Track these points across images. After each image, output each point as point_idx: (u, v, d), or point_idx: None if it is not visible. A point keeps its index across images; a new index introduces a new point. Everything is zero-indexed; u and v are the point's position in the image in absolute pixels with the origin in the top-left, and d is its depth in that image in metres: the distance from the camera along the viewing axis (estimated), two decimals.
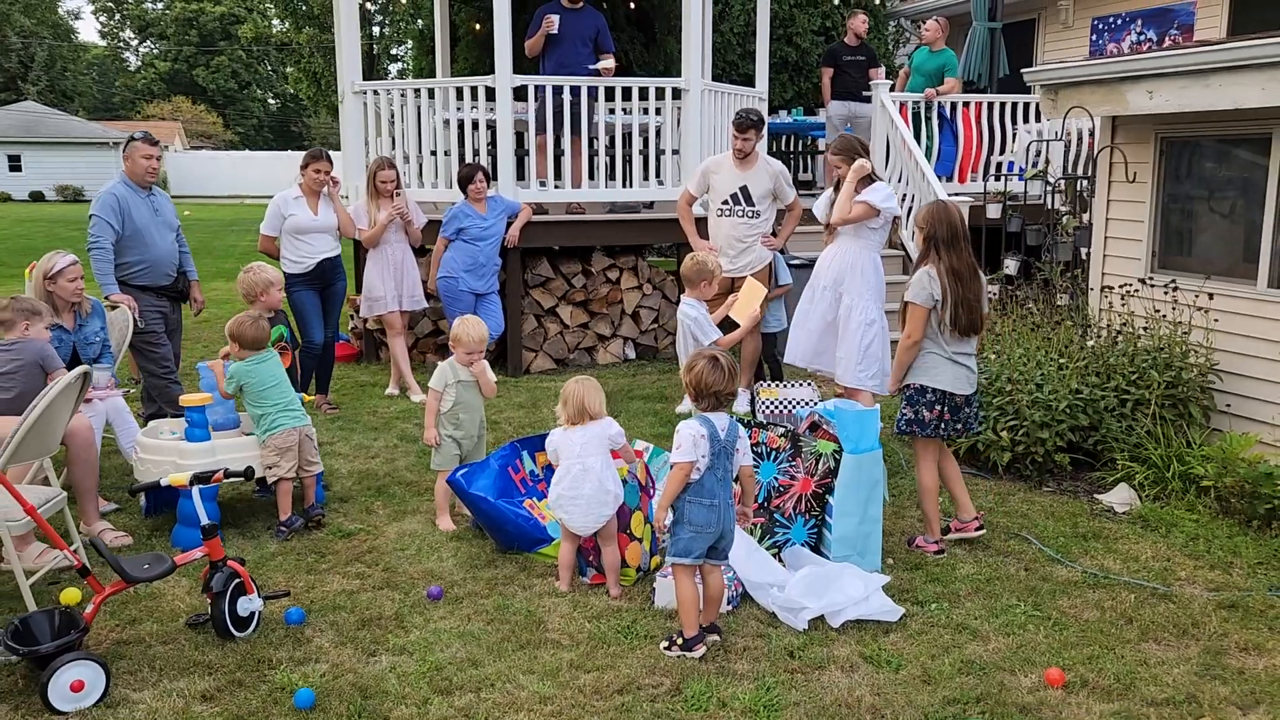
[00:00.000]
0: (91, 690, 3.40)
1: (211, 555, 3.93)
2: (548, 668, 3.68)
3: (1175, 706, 3.43)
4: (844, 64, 10.69)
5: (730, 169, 6.85)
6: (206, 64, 60.88)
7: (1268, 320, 5.76)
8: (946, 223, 4.52)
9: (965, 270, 4.50)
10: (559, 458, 4.36)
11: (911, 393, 4.66)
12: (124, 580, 3.75)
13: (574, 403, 4.30)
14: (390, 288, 7.67)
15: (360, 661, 3.74)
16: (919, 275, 4.54)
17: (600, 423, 4.33)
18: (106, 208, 6.11)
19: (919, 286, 4.51)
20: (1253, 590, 4.33)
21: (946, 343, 4.56)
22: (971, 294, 4.50)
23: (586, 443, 4.29)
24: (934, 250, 4.53)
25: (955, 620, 4.06)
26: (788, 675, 3.65)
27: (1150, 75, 5.99)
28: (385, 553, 4.78)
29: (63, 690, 3.34)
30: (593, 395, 4.33)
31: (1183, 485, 5.35)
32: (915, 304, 4.52)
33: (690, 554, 3.80)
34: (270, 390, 5.06)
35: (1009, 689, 3.54)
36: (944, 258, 4.50)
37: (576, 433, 4.31)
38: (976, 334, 4.60)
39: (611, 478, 4.29)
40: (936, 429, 4.64)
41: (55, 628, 3.55)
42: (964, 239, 4.54)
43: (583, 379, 4.38)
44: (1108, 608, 4.18)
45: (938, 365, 4.58)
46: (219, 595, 3.81)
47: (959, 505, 4.83)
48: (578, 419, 4.32)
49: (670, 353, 9.21)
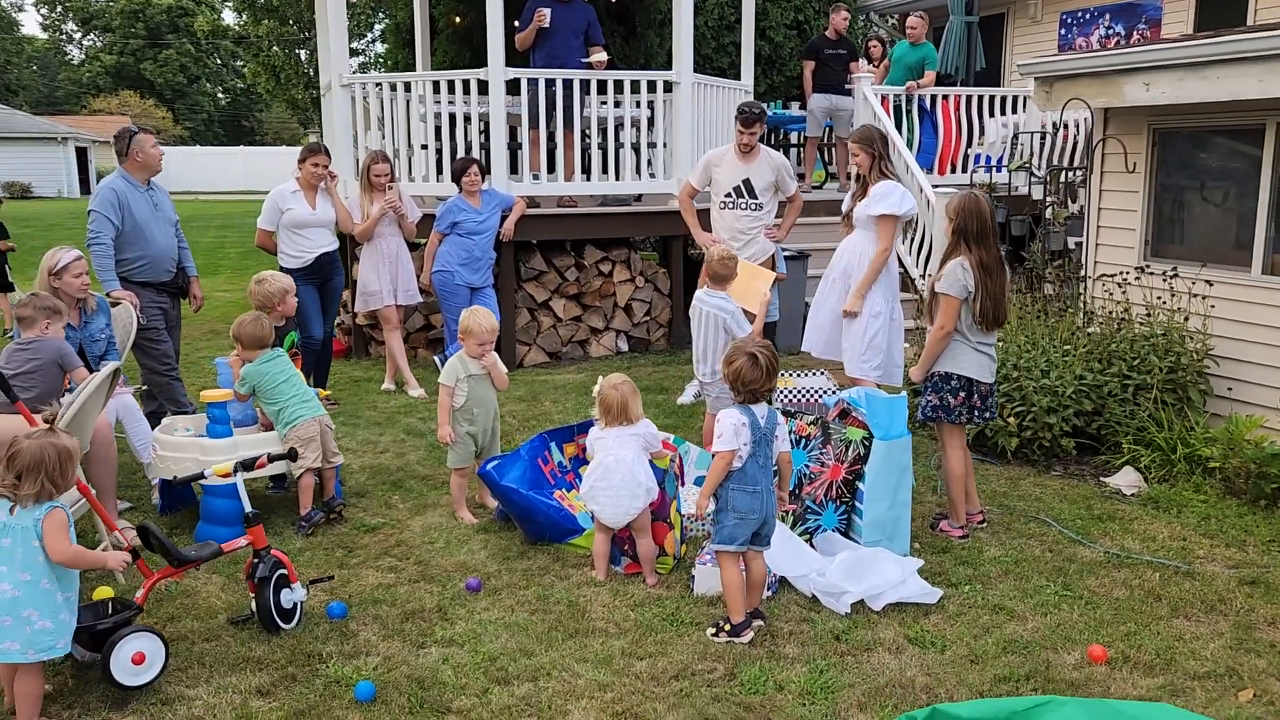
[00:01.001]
0: (152, 663, 3.42)
1: (255, 544, 3.93)
2: (600, 656, 3.71)
3: (1217, 680, 3.54)
4: (825, 57, 10.79)
5: (732, 162, 6.89)
6: (154, 57, 59.69)
7: (1262, 306, 5.93)
8: (977, 215, 4.58)
9: (993, 264, 4.57)
10: (595, 451, 4.39)
11: (936, 380, 4.74)
12: (172, 564, 3.75)
13: (617, 407, 4.33)
14: (385, 282, 7.63)
15: (411, 654, 3.73)
16: (952, 267, 4.60)
17: (639, 423, 4.36)
18: (106, 203, 6.02)
19: (953, 278, 4.58)
20: (1270, 567, 4.46)
21: (971, 333, 4.63)
22: (998, 287, 4.58)
23: (620, 438, 4.32)
24: (963, 243, 4.60)
25: (991, 601, 4.15)
26: (838, 658, 3.71)
27: (1147, 68, 6.13)
28: (414, 546, 4.76)
29: (124, 664, 3.35)
30: (633, 400, 4.35)
31: (1188, 467, 5.50)
32: (949, 295, 4.58)
33: (735, 540, 3.84)
34: (282, 386, 5.04)
35: (1055, 666, 3.63)
36: (974, 251, 4.57)
37: (611, 431, 4.34)
38: (1000, 326, 4.68)
39: (644, 471, 4.31)
40: (962, 415, 4.72)
41: (103, 616, 3.55)
42: (993, 232, 4.61)
43: (619, 382, 4.38)
44: (1135, 586, 4.29)
45: (963, 353, 4.66)
46: (263, 582, 3.81)
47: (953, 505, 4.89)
48: (616, 421, 4.34)
49: (662, 345, 9.25)
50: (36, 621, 3.14)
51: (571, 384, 7.90)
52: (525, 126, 8.40)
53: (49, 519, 3.18)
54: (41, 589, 3.16)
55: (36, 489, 3.17)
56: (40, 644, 3.14)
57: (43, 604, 3.16)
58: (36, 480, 3.17)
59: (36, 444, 3.22)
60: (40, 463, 3.19)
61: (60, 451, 3.24)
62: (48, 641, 3.16)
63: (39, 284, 5.37)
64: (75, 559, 3.22)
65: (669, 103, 8.92)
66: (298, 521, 4.95)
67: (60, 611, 3.20)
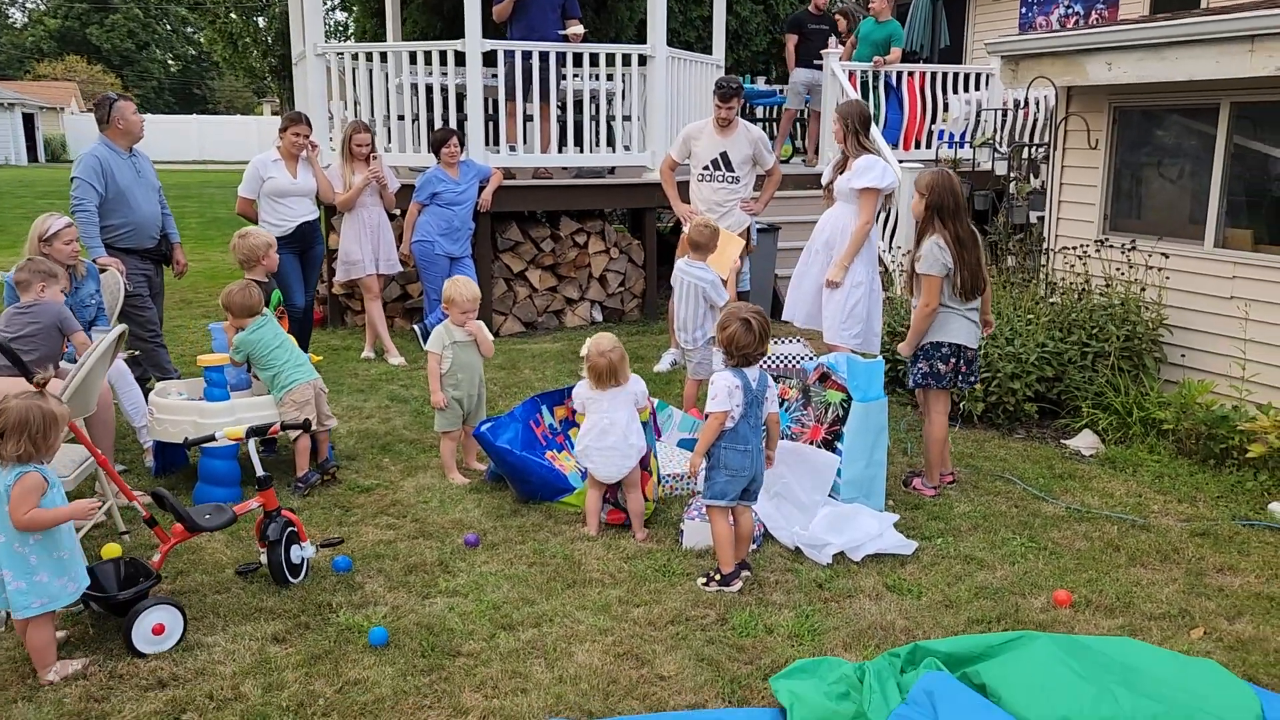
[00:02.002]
0: (171, 633, 3.53)
1: (266, 505, 4.07)
2: (598, 604, 3.91)
3: (1171, 620, 3.83)
4: (809, 31, 10.97)
5: (711, 135, 7.07)
6: (100, 22, 58.37)
7: (1213, 278, 6.24)
8: (950, 192, 4.78)
9: (967, 237, 4.78)
10: (587, 411, 4.57)
11: (927, 348, 4.94)
12: (188, 529, 3.85)
13: (606, 373, 4.50)
14: (367, 252, 7.72)
15: (417, 603, 3.91)
16: (929, 246, 4.80)
17: (627, 384, 4.55)
18: (89, 170, 6.06)
19: (931, 258, 4.77)
20: (1219, 520, 4.77)
21: (954, 303, 4.86)
22: (974, 259, 4.80)
23: (614, 399, 4.51)
24: (937, 219, 4.79)
25: (962, 552, 4.41)
26: (822, 604, 3.94)
27: (1109, 48, 6.39)
28: (409, 505, 4.93)
29: (145, 634, 3.47)
30: (621, 365, 4.53)
31: (1143, 429, 5.80)
32: (930, 275, 4.78)
33: (726, 496, 4.06)
34: (276, 351, 5.15)
35: (1023, 609, 3.89)
36: (948, 226, 4.77)
37: (604, 393, 4.52)
38: (980, 295, 4.90)
39: (635, 431, 4.51)
40: (953, 381, 4.94)
41: (122, 576, 3.65)
42: (964, 208, 4.82)
43: (606, 348, 4.53)
44: (1095, 538, 4.58)
45: (951, 321, 4.87)
46: (275, 544, 3.94)
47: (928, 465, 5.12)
48: (606, 384, 4.52)
49: (635, 315, 9.43)
50: (10, 582, 3.21)
51: (549, 352, 8.07)
52: (502, 98, 8.49)
53: (18, 483, 3.18)
54: (14, 552, 3.21)
55: (19, 450, 3.19)
56: (16, 603, 3.22)
57: (15, 566, 3.22)
58: (19, 441, 3.18)
59: (23, 404, 3.22)
60: (25, 424, 3.19)
61: (46, 415, 3.24)
62: (22, 601, 3.22)
63: (29, 250, 5.42)
64: (30, 523, 3.18)
65: (644, 76, 9.06)
66: (294, 483, 5.09)
67: (35, 573, 3.24)
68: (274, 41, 26.29)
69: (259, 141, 39.93)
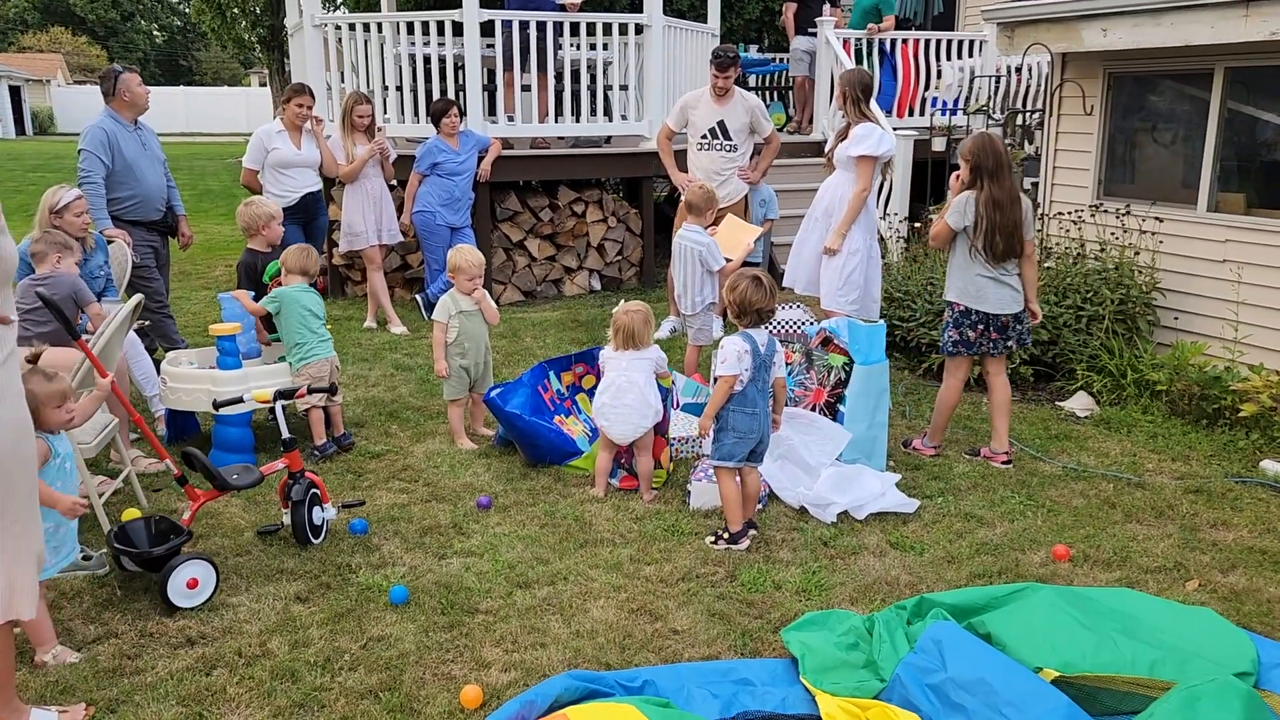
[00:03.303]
0: (204, 587, 3.66)
1: (291, 467, 4.19)
2: (610, 563, 4.02)
3: (1167, 573, 3.95)
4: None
5: (708, 104, 7.12)
6: None
7: (1206, 241, 6.33)
8: (993, 153, 4.76)
9: (1005, 199, 4.76)
10: (605, 370, 4.67)
11: (957, 315, 4.96)
12: (218, 488, 4.00)
13: (625, 332, 4.61)
14: (370, 222, 7.76)
15: (434, 563, 4.01)
16: (960, 197, 4.82)
17: (648, 349, 4.64)
18: (96, 142, 6.09)
19: (956, 209, 4.81)
20: (1211, 478, 4.90)
21: (987, 267, 4.82)
22: (1010, 221, 4.77)
23: (633, 360, 4.61)
24: (980, 179, 4.78)
25: (962, 510, 4.53)
26: (828, 561, 4.06)
27: (1105, 13, 6.44)
28: (420, 470, 5.02)
29: (180, 588, 3.59)
30: (641, 327, 4.62)
31: (1137, 391, 5.92)
32: (947, 223, 4.82)
33: (734, 457, 4.16)
34: (309, 318, 5.22)
35: (1024, 564, 4.01)
36: (986, 187, 4.76)
37: (625, 353, 4.61)
38: (1016, 257, 4.87)
39: (654, 393, 4.61)
40: (983, 348, 4.97)
41: (153, 534, 3.78)
42: (1008, 168, 4.81)
43: (633, 310, 4.64)
44: (1091, 496, 4.70)
45: (984, 288, 4.85)
46: (299, 504, 4.07)
47: (995, 434, 5.11)
48: (625, 345, 4.61)
49: (633, 283, 9.51)
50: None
51: (549, 320, 8.14)
52: (500, 68, 8.51)
53: None
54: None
55: None
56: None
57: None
58: None
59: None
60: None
61: (38, 395, 3.21)
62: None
63: (39, 223, 5.45)
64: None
65: (640, 45, 9.08)
66: (310, 450, 5.17)
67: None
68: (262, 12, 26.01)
69: (247, 113, 39.65)
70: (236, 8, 25.50)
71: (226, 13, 25.61)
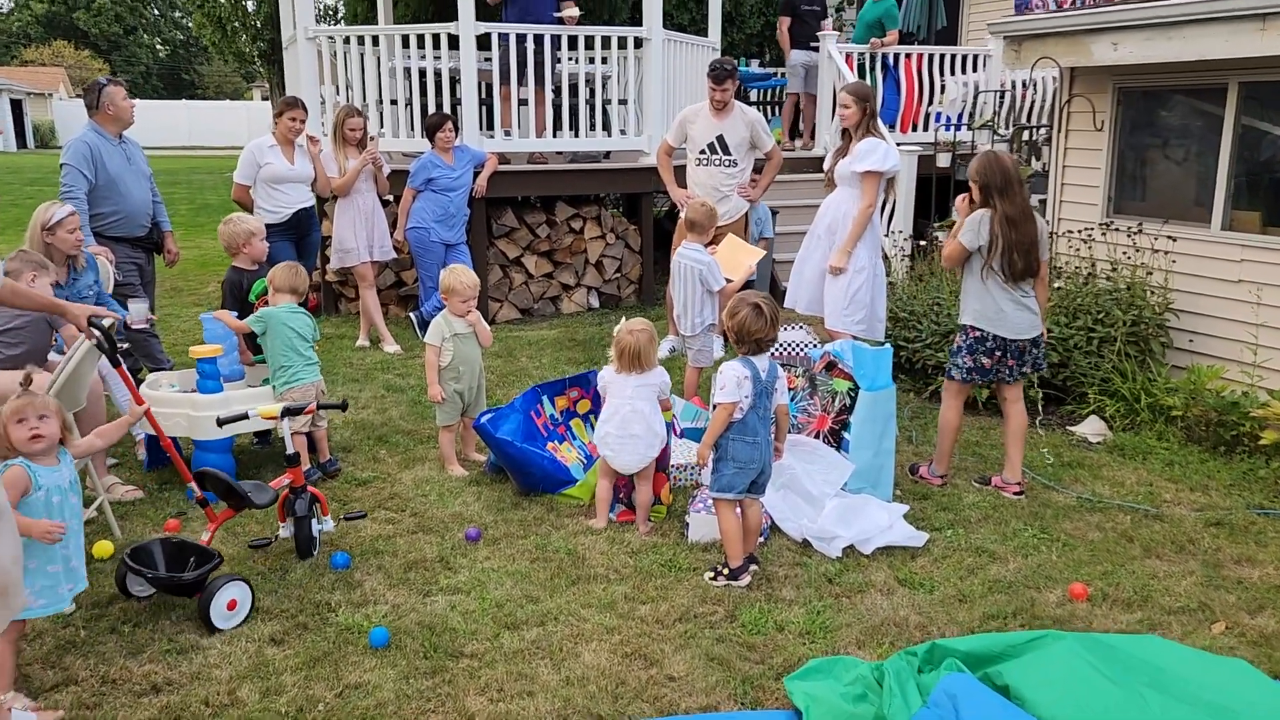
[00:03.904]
0: (242, 607, 3.63)
1: (294, 482, 4.15)
2: (603, 601, 3.81)
3: (1191, 614, 3.75)
4: (802, 13, 10.82)
5: (707, 118, 6.95)
6: (87, 6, 57.73)
7: (1221, 261, 6.15)
8: (1000, 170, 4.58)
9: (1019, 216, 4.56)
10: (608, 395, 4.47)
11: (972, 340, 4.73)
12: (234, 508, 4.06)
13: (630, 353, 4.40)
14: (362, 239, 7.59)
15: (418, 601, 3.81)
16: (974, 216, 4.63)
17: (653, 371, 4.44)
18: (78, 156, 5.92)
19: (969, 228, 4.61)
20: (1233, 509, 4.69)
21: (1005, 287, 4.62)
22: (1026, 238, 4.58)
23: (640, 387, 4.41)
24: (990, 198, 4.60)
25: (973, 544, 4.33)
26: (833, 599, 3.86)
27: (1115, 28, 6.27)
28: (408, 499, 4.82)
29: (221, 610, 3.57)
30: (647, 347, 4.42)
31: (1151, 416, 5.72)
32: (960, 242, 4.62)
33: (734, 489, 3.96)
34: (298, 341, 5.03)
35: (1039, 604, 3.81)
36: (999, 206, 4.57)
37: (631, 378, 4.41)
38: (1033, 276, 4.67)
39: (659, 421, 4.42)
40: (999, 374, 4.75)
41: (168, 557, 3.72)
42: (1018, 184, 4.61)
43: (637, 329, 4.44)
44: (1108, 529, 4.50)
45: (1003, 310, 4.64)
46: (303, 519, 4.10)
47: (1010, 463, 4.89)
48: (630, 368, 4.41)
49: (632, 301, 9.32)
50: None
51: (545, 340, 7.95)
52: (496, 82, 8.35)
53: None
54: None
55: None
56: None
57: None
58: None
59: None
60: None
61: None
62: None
63: (31, 239, 5.24)
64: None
65: (639, 59, 8.92)
66: None
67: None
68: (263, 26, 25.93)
69: (248, 126, 39.56)
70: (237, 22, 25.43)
71: (227, 26, 25.51)
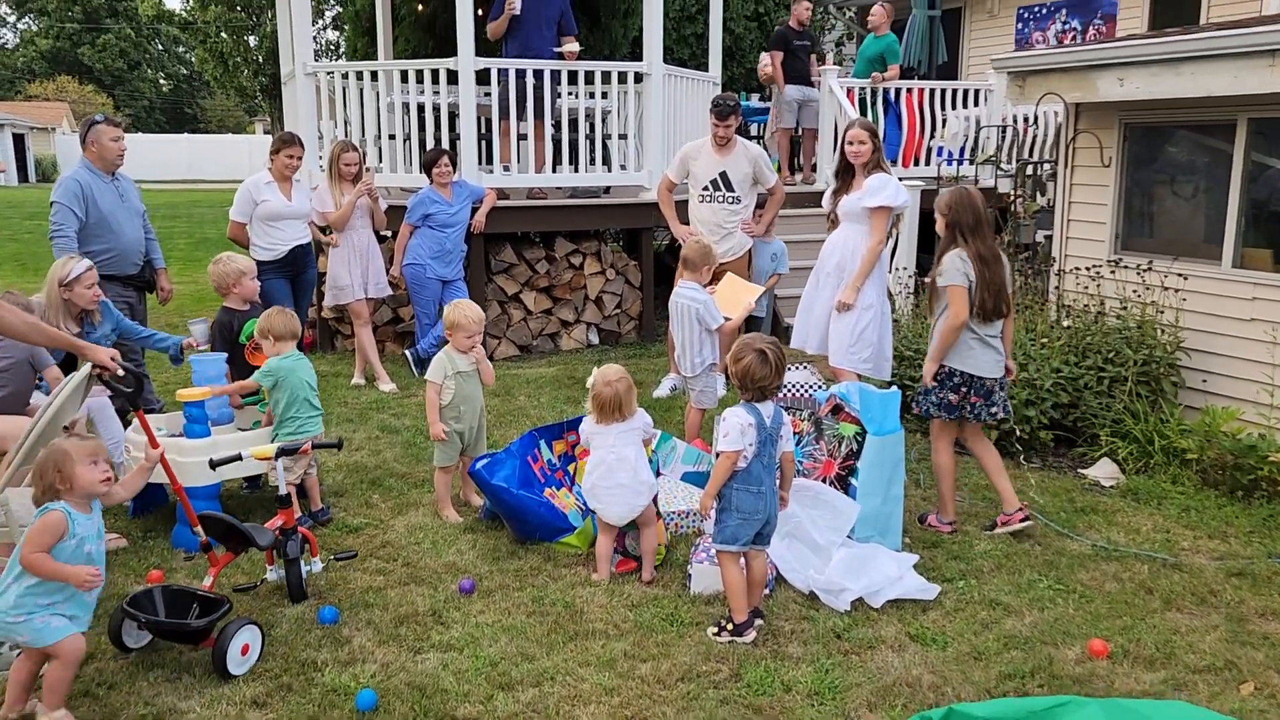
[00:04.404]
0: (253, 651, 3.58)
1: (285, 523, 4.05)
2: (602, 659, 3.65)
3: (1217, 673, 3.58)
4: (794, 48, 10.79)
5: (709, 155, 6.86)
6: (92, 42, 58.15)
7: (1233, 299, 6.02)
8: (970, 209, 4.55)
9: (990, 255, 4.55)
10: (591, 446, 4.32)
11: (941, 375, 4.68)
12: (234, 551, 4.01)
13: (610, 405, 4.25)
14: (356, 276, 7.48)
15: (408, 659, 3.65)
16: (950, 259, 4.56)
17: (634, 417, 4.30)
18: (69, 194, 5.83)
19: (954, 269, 4.53)
20: (1254, 559, 4.53)
21: (975, 326, 4.61)
22: (998, 278, 4.56)
23: (623, 434, 4.26)
24: (959, 236, 4.57)
25: (987, 596, 4.16)
26: (842, 656, 3.69)
27: (1121, 63, 6.19)
28: (400, 547, 4.67)
29: (235, 655, 3.51)
30: (626, 396, 4.28)
31: (1165, 459, 5.57)
32: (956, 285, 4.53)
33: (738, 541, 3.81)
34: (310, 393, 4.90)
35: (1057, 661, 3.64)
36: (970, 243, 4.54)
37: (613, 426, 4.27)
38: (1003, 317, 4.65)
39: (645, 467, 4.27)
40: (963, 411, 4.68)
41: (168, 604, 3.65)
42: (987, 224, 4.59)
43: (612, 380, 4.29)
44: (1125, 579, 4.34)
45: (971, 348, 4.60)
46: (294, 561, 4.02)
47: (1003, 497, 4.79)
48: (610, 418, 4.27)
49: (633, 337, 9.20)
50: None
51: (544, 378, 7.82)
52: (496, 117, 8.28)
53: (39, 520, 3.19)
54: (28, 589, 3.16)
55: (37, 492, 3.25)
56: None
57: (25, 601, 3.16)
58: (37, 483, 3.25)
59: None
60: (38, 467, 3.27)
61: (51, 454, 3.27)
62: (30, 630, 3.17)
63: (48, 294, 5.12)
64: (31, 564, 3.11)
65: (639, 94, 8.86)
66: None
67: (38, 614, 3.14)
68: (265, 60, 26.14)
69: (249, 160, 39.67)
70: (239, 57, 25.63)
71: (229, 62, 25.74)
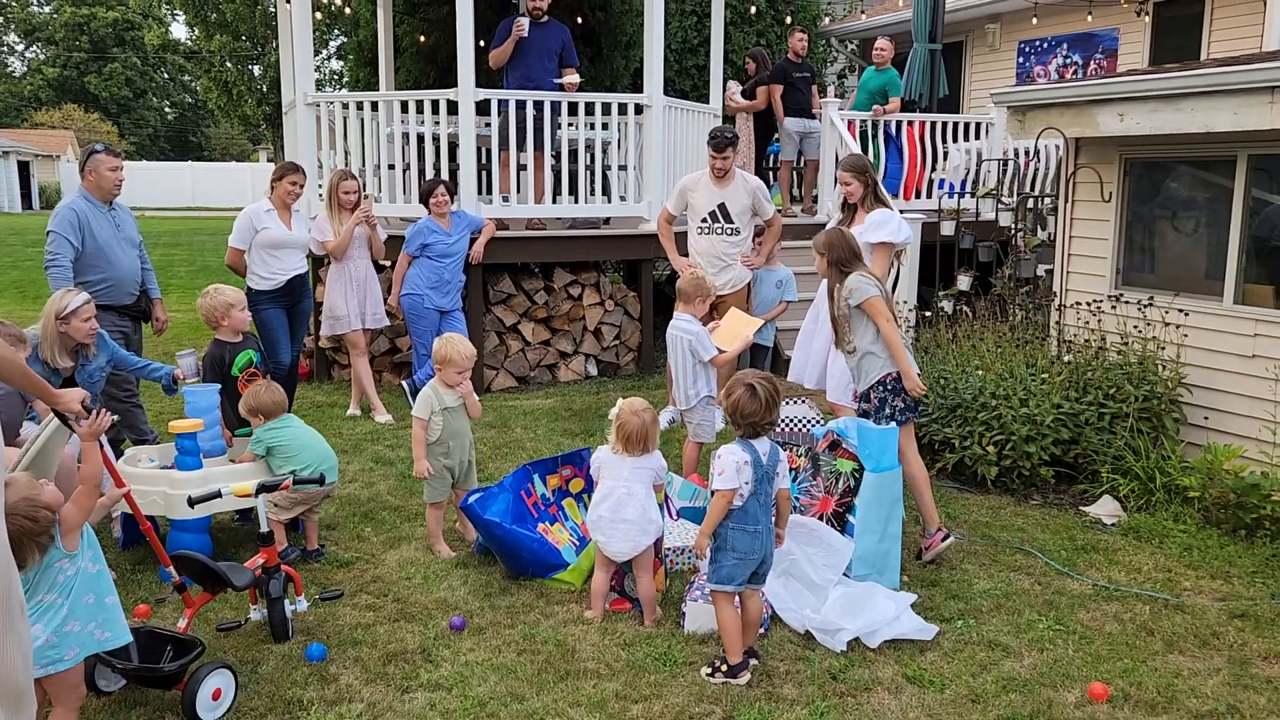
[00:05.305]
0: (226, 695, 3.49)
1: (268, 561, 3.99)
2: (593, 699, 3.58)
3: (1220, 718, 3.51)
4: (794, 80, 10.82)
5: (708, 186, 6.86)
6: (98, 71, 58.61)
7: (1235, 335, 5.98)
8: (845, 246, 4.83)
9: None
10: (601, 476, 4.26)
11: (891, 381, 4.77)
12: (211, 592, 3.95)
13: (636, 435, 4.18)
14: (353, 306, 7.44)
15: (396, 699, 3.58)
16: (854, 279, 4.74)
17: (652, 455, 4.25)
18: (65, 223, 5.81)
19: (863, 286, 4.71)
20: (1257, 600, 4.46)
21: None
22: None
23: (636, 469, 4.20)
24: (838, 271, 4.81)
25: (985, 637, 4.09)
26: (837, 699, 3.62)
27: (1121, 99, 6.18)
28: (391, 582, 4.61)
29: (206, 701, 3.42)
30: (652, 429, 4.22)
31: (1167, 496, 5.51)
32: (873, 298, 4.69)
33: (733, 581, 3.74)
34: (304, 452, 4.86)
35: (1056, 705, 3.57)
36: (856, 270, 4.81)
37: (628, 460, 4.22)
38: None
39: (654, 506, 4.20)
40: (916, 410, 4.88)
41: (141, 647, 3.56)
42: (860, 258, 4.88)
43: (640, 410, 4.23)
44: (1126, 620, 4.27)
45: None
46: (277, 600, 3.94)
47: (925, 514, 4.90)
48: (631, 450, 4.21)
49: (631, 369, 9.16)
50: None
51: (541, 409, 7.77)
52: (495, 147, 8.29)
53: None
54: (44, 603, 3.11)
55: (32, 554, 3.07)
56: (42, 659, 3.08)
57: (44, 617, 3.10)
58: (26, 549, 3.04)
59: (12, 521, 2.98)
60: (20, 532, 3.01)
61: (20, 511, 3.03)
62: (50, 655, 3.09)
63: (44, 327, 5.08)
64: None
65: (640, 125, 8.87)
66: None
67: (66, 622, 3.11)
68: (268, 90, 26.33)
69: (252, 188, 39.84)
70: (243, 86, 25.80)
71: (233, 91, 25.91)
